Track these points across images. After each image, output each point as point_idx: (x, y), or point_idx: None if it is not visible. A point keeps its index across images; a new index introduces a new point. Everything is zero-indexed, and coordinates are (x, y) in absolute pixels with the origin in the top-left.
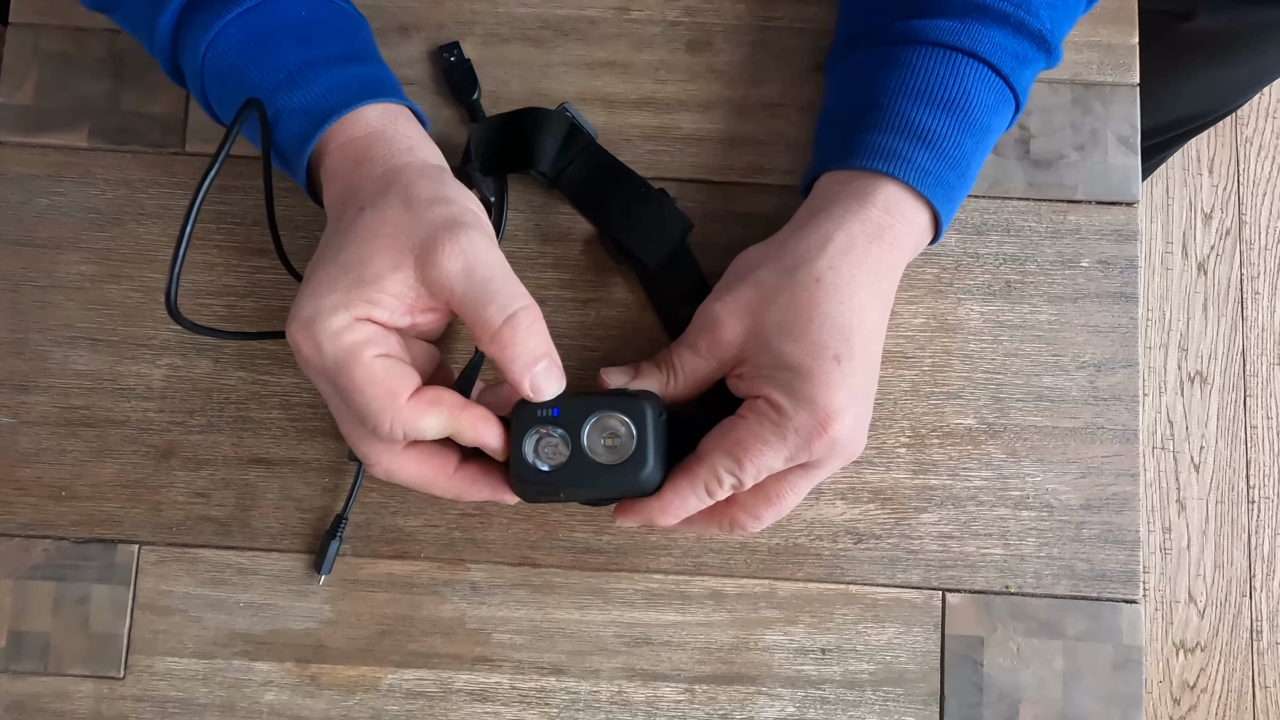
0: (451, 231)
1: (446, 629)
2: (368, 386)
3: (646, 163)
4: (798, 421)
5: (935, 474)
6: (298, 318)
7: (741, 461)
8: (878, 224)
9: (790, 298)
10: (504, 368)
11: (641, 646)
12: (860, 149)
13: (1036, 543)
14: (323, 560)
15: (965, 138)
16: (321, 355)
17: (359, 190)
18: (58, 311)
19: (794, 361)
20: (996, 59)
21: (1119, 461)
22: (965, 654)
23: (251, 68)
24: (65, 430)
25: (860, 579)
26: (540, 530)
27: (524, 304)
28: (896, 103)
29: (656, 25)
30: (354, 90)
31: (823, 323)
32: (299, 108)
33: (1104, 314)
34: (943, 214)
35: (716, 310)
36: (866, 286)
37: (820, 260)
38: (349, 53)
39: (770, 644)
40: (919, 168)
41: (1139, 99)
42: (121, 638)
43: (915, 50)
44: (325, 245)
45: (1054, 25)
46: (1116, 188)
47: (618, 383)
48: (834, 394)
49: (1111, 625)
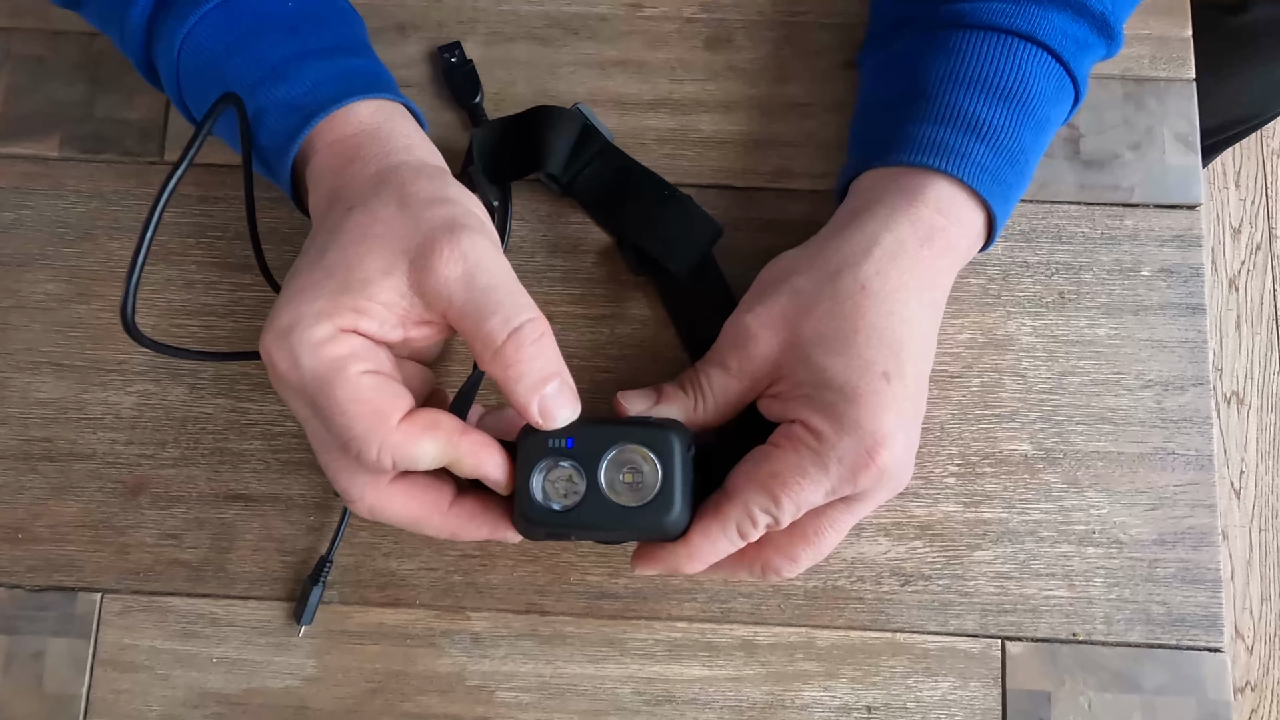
0: (451, 234)
1: (444, 686)
2: (351, 406)
3: (664, 167)
4: (841, 450)
5: (989, 506)
6: (273, 327)
7: (778, 498)
8: (929, 225)
9: (832, 307)
10: (508, 389)
11: (664, 705)
12: (907, 142)
13: (1105, 583)
14: (303, 609)
15: (1024, 130)
16: (299, 370)
17: (348, 189)
18: (20, 334)
19: (837, 380)
20: (1057, 44)
21: (1194, 490)
22: (1030, 711)
23: (232, 61)
24: (24, 465)
25: (908, 626)
26: (549, 574)
27: (531, 316)
28: (947, 91)
29: (672, 21)
30: (345, 84)
31: (869, 335)
32: (284, 102)
33: (1169, 327)
34: (998, 215)
35: (748, 322)
36: (917, 295)
37: (866, 265)
38: (340, 45)
39: (808, 701)
40: (975, 162)
41: (1196, 95)
42: (79, 699)
43: (966, 35)
44: (308, 248)
45: (1115, 7)
46: (1176, 189)
47: (638, 408)
48: (883, 417)
49: (1194, 676)
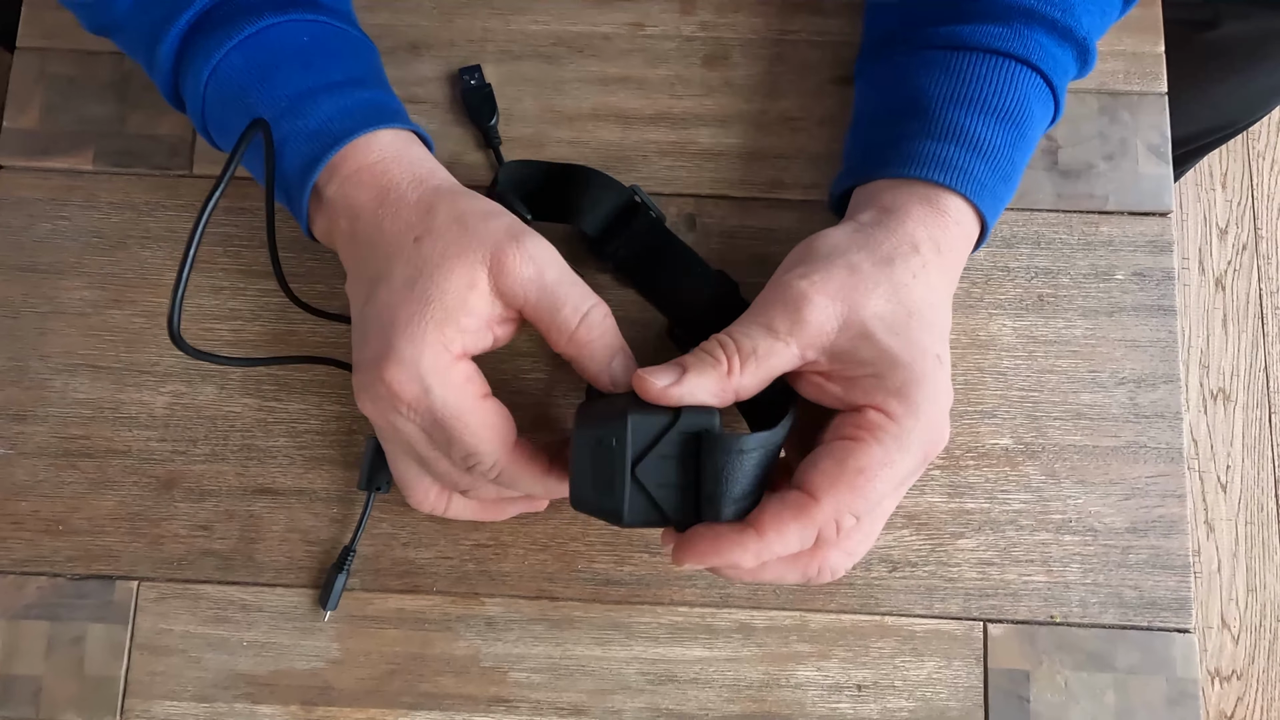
0: (516, 240)
1: (460, 668)
2: (483, 431)
3: (663, 179)
4: (919, 432)
5: (972, 497)
6: (398, 360)
7: (868, 495)
8: (952, 234)
9: (889, 290)
10: (582, 366)
11: (666, 684)
12: (917, 158)
13: (1081, 569)
14: (328, 596)
15: (1016, 149)
16: (430, 398)
17: (398, 218)
18: (58, 338)
19: (903, 359)
20: (1047, 67)
21: (1164, 482)
22: (1010, 689)
23: (253, 95)
24: (63, 461)
25: (896, 609)
26: (558, 561)
27: (594, 302)
28: (948, 111)
29: (672, 40)
30: (361, 116)
31: (920, 321)
32: (304, 133)
33: (1142, 328)
34: (990, 228)
35: (804, 287)
36: (947, 293)
37: (915, 259)
38: (354, 78)
39: (802, 680)
40: (977, 180)
41: (1168, 107)
42: (118, 680)
43: (964, 56)
44: (385, 279)
45: (1092, 32)
46: (1149, 198)
47: (662, 383)
48: (942, 399)
49: (1164, 657)
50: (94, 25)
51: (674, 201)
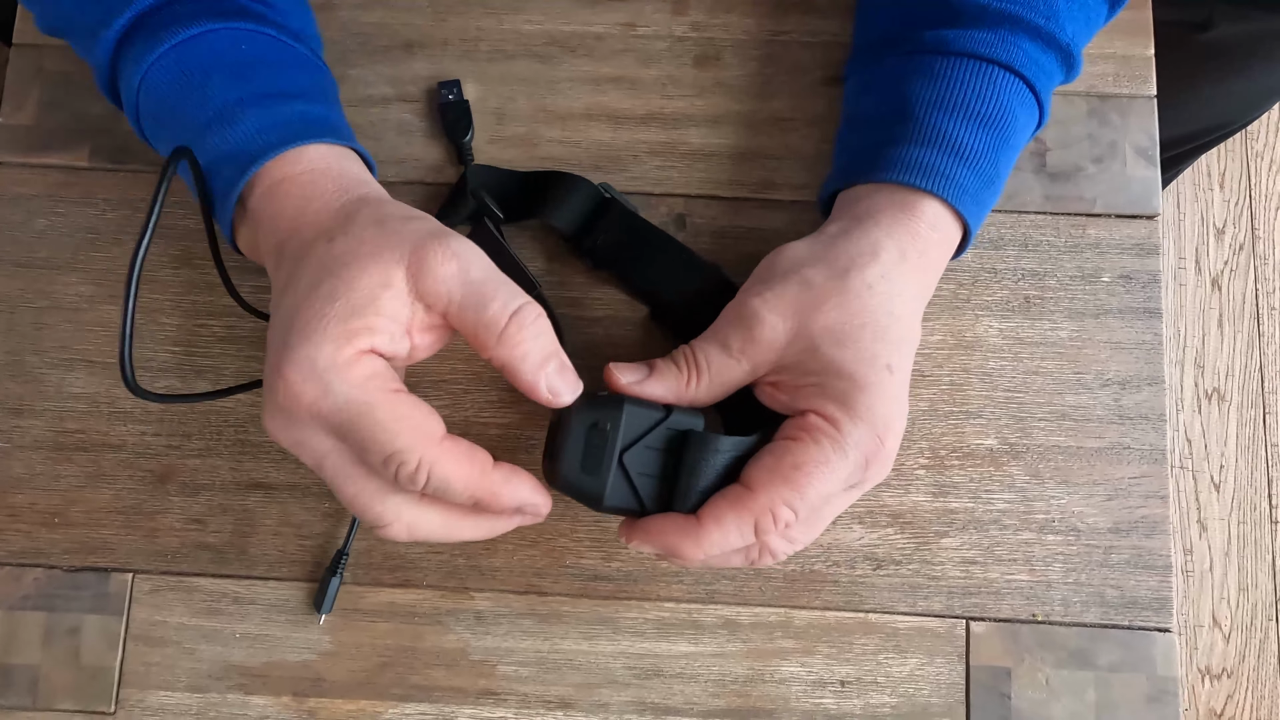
0: (438, 238)
1: (450, 661)
2: (394, 424)
3: (655, 179)
4: (857, 436)
5: (956, 497)
6: (292, 361)
7: (803, 489)
8: (925, 240)
9: (841, 302)
10: (515, 369)
11: (653, 679)
12: (897, 163)
13: (1064, 568)
14: (323, 598)
15: (1000, 154)
16: (331, 398)
17: (314, 225)
18: (54, 333)
19: (847, 369)
20: (1030, 73)
21: (1147, 483)
22: (992, 686)
23: (183, 104)
24: (59, 455)
25: (880, 607)
26: (547, 557)
27: (527, 300)
28: (932, 116)
29: (663, 40)
30: (291, 129)
31: (875, 331)
32: (229, 145)
33: (1127, 330)
34: (973, 230)
35: (756, 306)
36: (913, 300)
37: (874, 268)
38: (288, 91)
39: (787, 675)
40: (959, 185)
41: (1157, 110)
42: (113, 670)
43: (949, 61)
44: (292, 283)
45: (1077, 39)
46: (1136, 200)
47: (629, 379)
48: (890, 406)
49: (1145, 655)
50: (45, 26)
51: (664, 201)
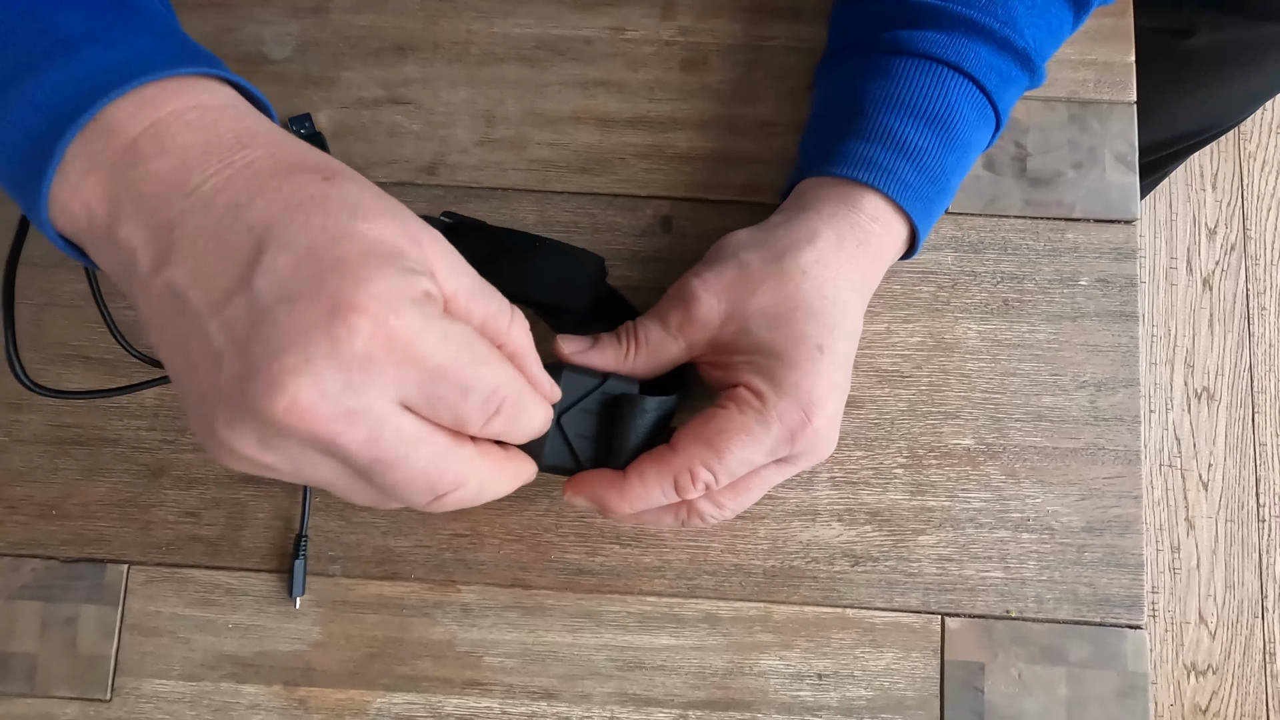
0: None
1: (437, 652)
2: (493, 353)
3: (641, 181)
4: (782, 409)
5: (933, 495)
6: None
7: (722, 453)
8: (865, 230)
9: (775, 285)
10: (519, 357)
11: (634, 671)
12: (843, 157)
13: (1037, 566)
14: (292, 583)
15: (947, 153)
16: (429, 335)
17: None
18: (52, 330)
19: (776, 348)
20: (980, 74)
21: (1121, 483)
22: (966, 680)
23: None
24: (56, 449)
25: (857, 602)
26: (532, 551)
27: (515, 311)
28: (880, 113)
29: (651, 45)
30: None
31: (806, 313)
32: (47, 89)
33: (1104, 333)
34: (920, 229)
35: (695, 286)
36: (849, 285)
37: (808, 253)
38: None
39: (765, 669)
40: (900, 180)
41: (1136, 117)
42: (109, 659)
43: (901, 61)
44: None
45: (1038, 45)
46: (1115, 206)
47: (572, 349)
48: (817, 383)
49: (1116, 651)
50: None
51: (650, 204)
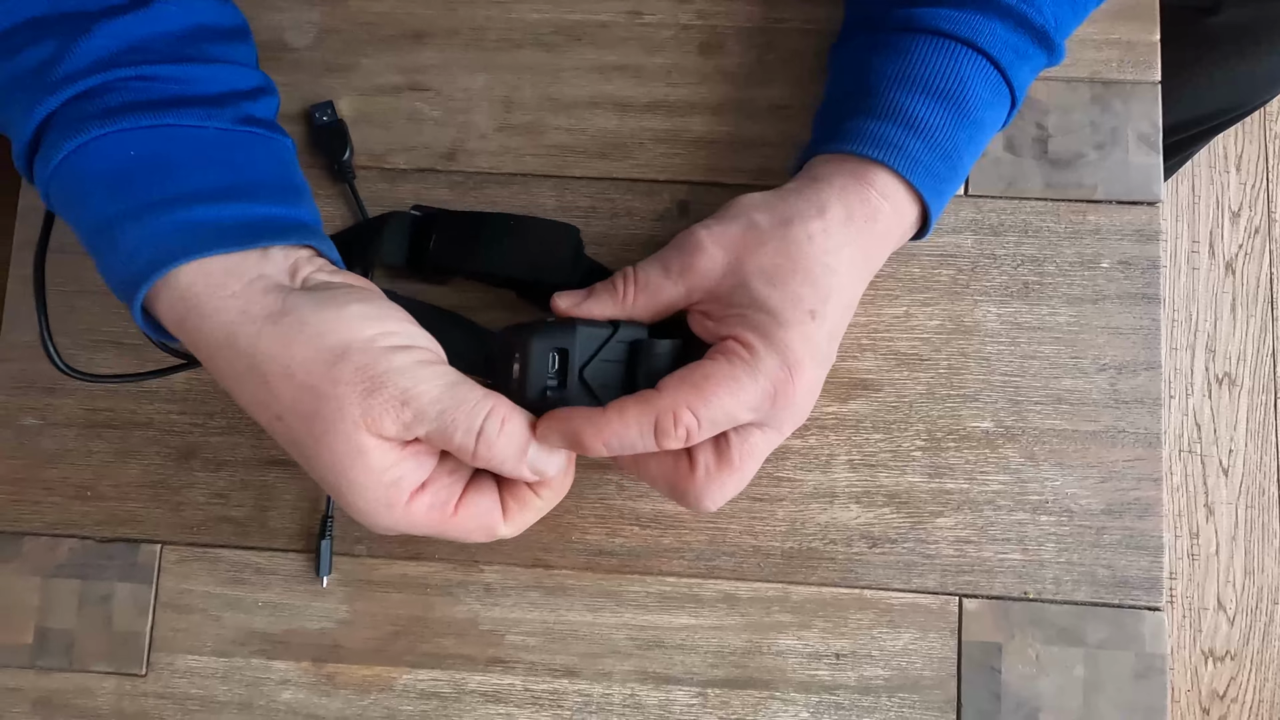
0: (377, 391)
1: (460, 630)
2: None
3: (659, 166)
4: (768, 364)
5: (952, 478)
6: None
7: (708, 397)
8: (874, 206)
9: (780, 247)
10: (498, 471)
11: (654, 649)
12: (854, 134)
13: (1056, 548)
14: (319, 562)
15: (959, 130)
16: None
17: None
18: (84, 316)
19: (771, 305)
20: (995, 51)
21: (1141, 466)
22: (983, 661)
23: (78, 224)
24: (90, 432)
25: (875, 584)
26: (553, 533)
27: (486, 412)
28: (892, 91)
29: (668, 29)
30: (164, 249)
31: (804, 277)
32: (117, 274)
33: (1125, 316)
34: (932, 208)
35: (702, 236)
36: (852, 261)
37: (816, 221)
38: (175, 195)
39: (783, 648)
40: (911, 157)
41: (1160, 97)
42: (143, 635)
43: (914, 38)
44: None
45: (1058, 22)
46: (1137, 187)
47: (568, 302)
48: (804, 345)
49: (1134, 633)
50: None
51: (668, 188)
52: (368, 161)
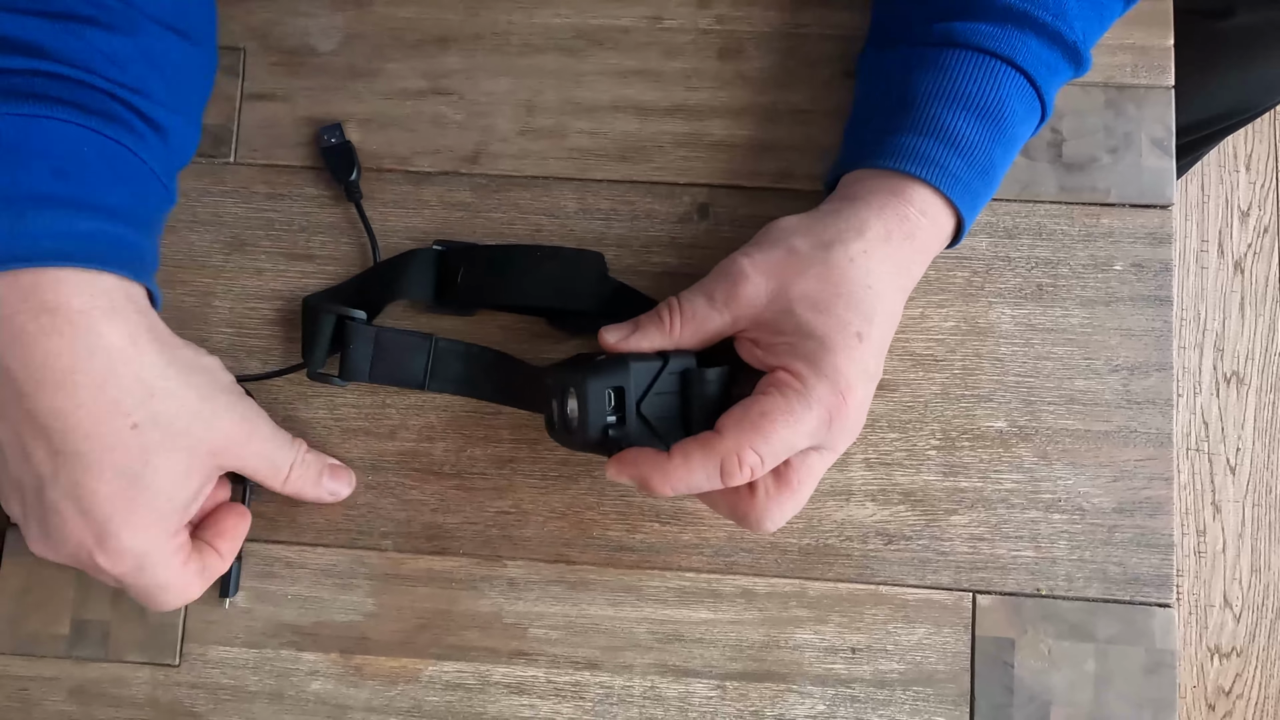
0: (229, 449)
1: (484, 623)
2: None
3: (679, 169)
4: (820, 392)
5: (966, 476)
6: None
7: (768, 434)
8: (913, 223)
9: (822, 271)
10: (301, 499)
11: (674, 643)
12: (893, 150)
13: (1068, 546)
14: (227, 585)
15: (995, 146)
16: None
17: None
18: None
19: (818, 332)
20: (1032, 68)
21: (1153, 465)
22: (996, 655)
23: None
24: None
25: (890, 580)
26: (575, 529)
27: (292, 459)
28: (931, 106)
29: (688, 34)
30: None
31: (848, 300)
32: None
33: (1138, 317)
34: (966, 219)
35: (744, 264)
36: (893, 278)
37: (856, 243)
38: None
39: (800, 642)
40: (951, 173)
41: (1174, 101)
42: (177, 626)
43: (952, 53)
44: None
45: (1086, 36)
46: (1150, 190)
47: (615, 337)
48: (852, 368)
49: (1144, 629)
50: None
51: (688, 191)
52: (392, 164)
